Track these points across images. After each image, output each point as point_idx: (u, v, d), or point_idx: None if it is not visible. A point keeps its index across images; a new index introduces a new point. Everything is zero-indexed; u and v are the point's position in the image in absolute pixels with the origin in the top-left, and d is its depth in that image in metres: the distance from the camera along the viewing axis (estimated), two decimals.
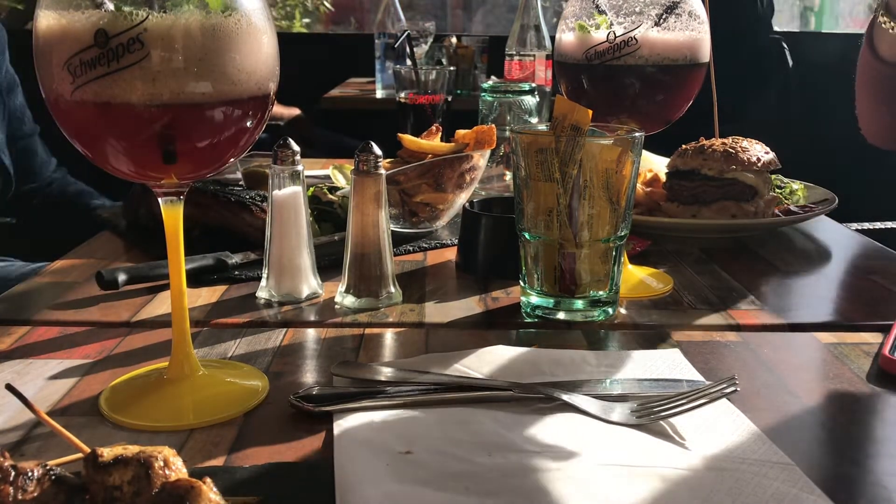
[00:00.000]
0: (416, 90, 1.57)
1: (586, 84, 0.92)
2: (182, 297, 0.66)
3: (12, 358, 0.74)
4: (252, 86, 0.59)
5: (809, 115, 2.91)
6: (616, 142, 0.79)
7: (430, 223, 1.16)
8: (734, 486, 0.53)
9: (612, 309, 0.84)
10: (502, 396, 0.64)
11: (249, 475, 0.54)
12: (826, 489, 0.52)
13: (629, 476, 0.54)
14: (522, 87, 1.40)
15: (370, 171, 0.86)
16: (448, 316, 0.85)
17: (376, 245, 0.87)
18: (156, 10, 0.55)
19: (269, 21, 0.60)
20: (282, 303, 0.89)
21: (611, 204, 0.79)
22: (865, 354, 0.75)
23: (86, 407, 0.65)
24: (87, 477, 0.43)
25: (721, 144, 1.17)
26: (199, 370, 0.68)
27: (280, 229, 0.89)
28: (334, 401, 0.63)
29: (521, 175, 0.81)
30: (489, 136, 1.11)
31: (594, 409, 0.62)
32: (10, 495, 0.41)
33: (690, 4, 0.89)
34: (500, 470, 0.54)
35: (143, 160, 0.60)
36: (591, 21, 0.89)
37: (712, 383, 0.64)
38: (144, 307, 0.87)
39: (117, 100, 0.55)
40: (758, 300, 0.91)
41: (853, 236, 1.23)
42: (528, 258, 0.84)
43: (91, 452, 0.43)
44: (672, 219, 1.17)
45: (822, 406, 0.66)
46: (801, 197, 1.29)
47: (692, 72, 0.90)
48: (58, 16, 0.56)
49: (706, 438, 0.59)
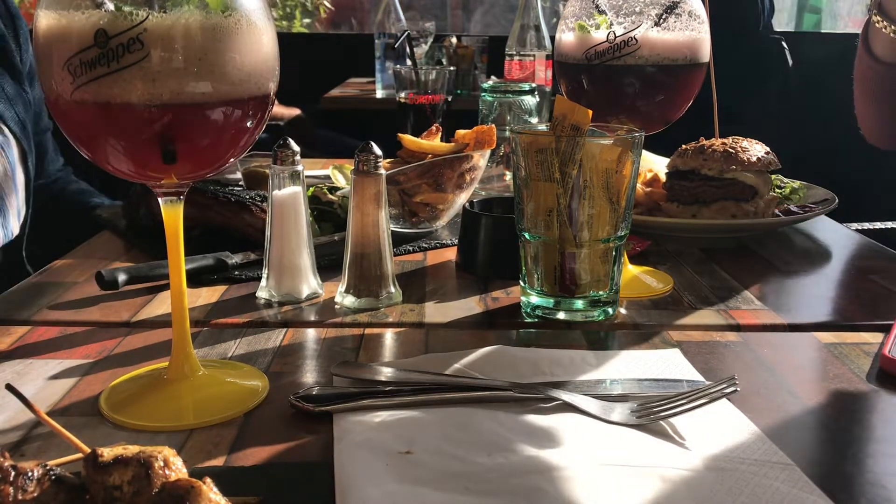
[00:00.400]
0: (416, 90, 1.57)
1: (586, 84, 0.92)
2: (182, 297, 0.66)
3: (12, 358, 0.74)
4: (252, 86, 0.59)
5: (809, 115, 2.91)
6: (616, 142, 0.79)
7: (430, 223, 1.16)
8: (734, 486, 0.53)
9: (612, 309, 0.84)
10: (502, 396, 0.64)
11: (249, 475, 0.54)
12: (826, 489, 0.52)
13: (629, 476, 0.54)
14: (522, 87, 1.40)
15: (370, 171, 0.86)
16: (448, 316, 0.85)
17: (376, 245, 0.87)
18: (156, 10, 0.55)
19: (269, 21, 0.60)
20: (282, 303, 0.89)
21: (611, 204, 0.79)
22: (865, 354, 0.75)
23: (86, 407, 0.65)
24: (87, 477, 0.43)
25: (721, 144, 1.17)
26: (199, 370, 0.68)
27: (280, 229, 0.89)
28: (334, 401, 0.63)
29: (521, 175, 0.81)
30: (489, 136, 1.11)
31: (594, 409, 0.62)
32: (10, 495, 0.41)
33: (690, 4, 0.89)
34: (500, 470, 0.54)
35: (143, 160, 0.60)
36: (591, 21, 0.89)
37: (712, 383, 0.64)
38: (144, 307, 0.87)
39: (117, 100, 0.55)
40: (758, 300, 0.91)
41: (853, 236, 1.23)
42: (528, 258, 0.84)
43: (91, 452, 0.43)
44: (672, 219, 1.17)
45: (822, 406, 0.66)
46: (801, 197, 1.29)
47: (692, 72, 0.90)
48: (58, 16, 0.56)
49: (706, 438, 0.59)
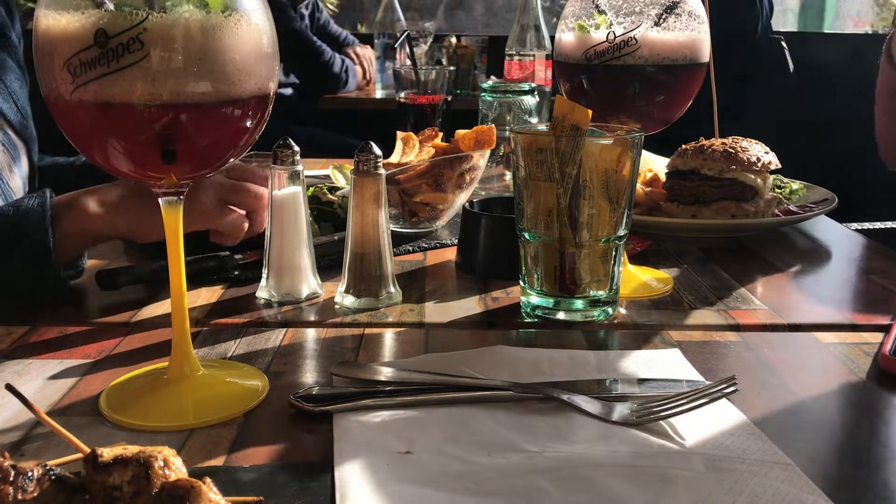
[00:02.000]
0: (416, 90, 1.57)
1: (586, 84, 0.92)
2: (182, 297, 0.66)
3: (12, 358, 0.74)
4: (252, 86, 0.59)
5: (809, 116, 2.91)
6: (616, 142, 0.79)
7: (429, 223, 1.16)
8: (734, 486, 0.53)
9: (612, 309, 0.84)
10: (502, 396, 0.64)
11: (249, 475, 0.54)
12: (826, 489, 0.52)
13: (629, 476, 0.54)
14: (522, 87, 1.40)
15: (370, 171, 0.86)
16: (448, 316, 0.85)
17: (376, 245, 0.87)
18: (156, 10, 0.55)
19: (269, 21, 0.60)
20: (282, 303, 0.89)
21: (611, 204, 0.79)
22: (865, 354, 0.75)
23: (86, 407, 0.65)
24: (86, 477, 0.43)
25: (721, 144, 1.17)
26: (198, 370, 0.68)
27: (280, 229, 0.89)
28: (334, 401, 0.63)
29: (521, 175, 0.81)
30: (489, 136, 1.11)
31: (594, 409, 0.62)
32: (10, 495, 0.41)
33: (690, 4, 0.89)
34: (500, 470, 0.54)
35: (143, 160, 0.60)
36: (591, 21, 0.89)
37: (712, 383, 0.64)
38: (144, 307, 0.87)
39: (117, 100, 0.55)
40: (758, 300, 0.91)
41: (853, 236, 1.23)
42: (528, 258, 0.84)
43: (91, 452, 0.43)
44: (672, 219, 1.17)
45: (822, 406, 0.66)
46: (800, 197, 1.29)
47: (692, 72, 0.90)
48: (58, 16, 0.56)
49: (706, 438, 0.59)
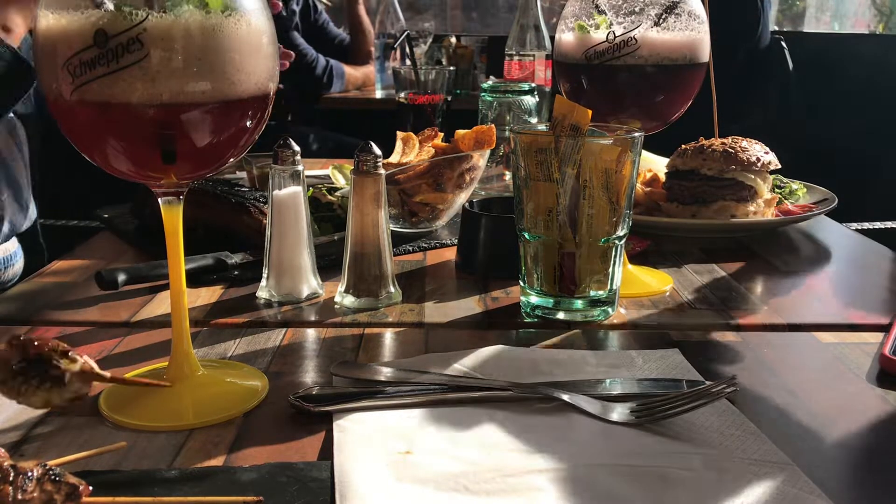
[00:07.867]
0: (415, 90, 1.57)
1: (586, 84, 0.92)
2: (182, 297, 0.66)
3: None
4: (252, 86, 0.59)
5: (809, 116, 2.91)
6: (616, 142, 0.79)
7: (429, 223, 1.16)
8: (734, 486, 0.53)
9: (612, 309, 0.84)
10: (502, 396, 0.64)
11: (249, 475, 0.54)
12: (826, 489, 0.52)
13: (629, 476, 0.54)
14: (522, 87, 1.40)
15: (370, 171, 0.85)
16: (448, 316, 0.85)
17: (376, 245, 0.87)
18: (155, 10, 0.55)
19: (269, 21, 0.60)
20: (282, 303, 0.89)
21: (610, 204, 0.79)
22: (865, 354, 0.75)
23: (86, 407, 0.65)
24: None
25: (721, 144, 1.17)
26: (198, 370, 0.68)
27: (280, 229, 0.89)
28: (334, 401, 0.63)
29: (521, 175, 0.81)
30: (489, 136, 1.11)
31: (594, 409, 0.62)
32: (10, 495, 0.41)
33: (690, 4, 0.89)
34: (500, 470, 0.54)
35: (143, 160, 0.60)
36: (591, 21, 0.89)
37: (712, 383, 0.64)
38: (144, 307, 0.87)
39: (117, 100, 0.55)
40: (758, 300, 0.91)
41: (853, 236, 1.23)
42: (528, 258, 0.84)
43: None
44: (672, 219, 1.17)
45: (822, 406, 0.66)
46: (800, 197, 1.29)
47: (692, 72, 0.90)
48: (58, 16, 0.56)
49: (706, 438, 0.59)
